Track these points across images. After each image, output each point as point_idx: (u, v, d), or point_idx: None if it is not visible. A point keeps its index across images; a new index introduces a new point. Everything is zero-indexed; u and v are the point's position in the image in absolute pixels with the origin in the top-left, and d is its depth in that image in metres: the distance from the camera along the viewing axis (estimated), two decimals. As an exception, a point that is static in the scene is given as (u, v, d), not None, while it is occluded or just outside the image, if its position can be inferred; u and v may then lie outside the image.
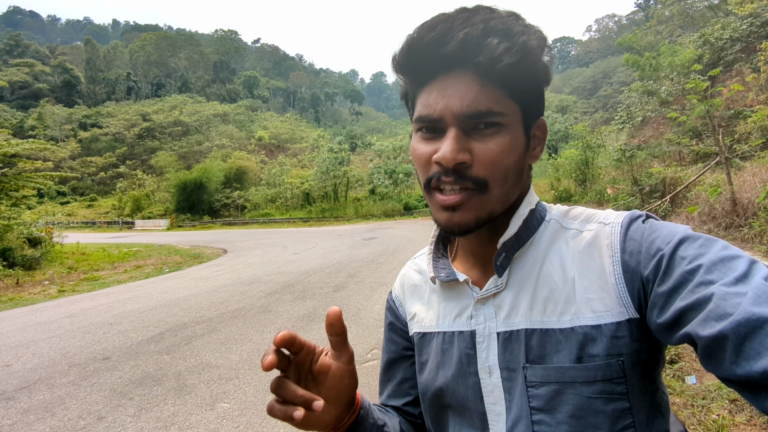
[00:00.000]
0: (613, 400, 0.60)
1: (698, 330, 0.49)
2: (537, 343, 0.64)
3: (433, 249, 0.79)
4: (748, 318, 0.45)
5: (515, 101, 0.63)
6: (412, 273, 0.87)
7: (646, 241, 0.60)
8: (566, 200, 15.01)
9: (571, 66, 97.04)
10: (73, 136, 60.45)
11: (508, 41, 0.58)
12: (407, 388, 0.84)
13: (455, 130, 0.61)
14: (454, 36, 0.59)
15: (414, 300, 0.83)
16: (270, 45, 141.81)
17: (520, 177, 0.67)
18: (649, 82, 11.81)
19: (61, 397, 3.65)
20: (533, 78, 0.63)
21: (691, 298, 0.51)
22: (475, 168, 0.61)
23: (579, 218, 0.70)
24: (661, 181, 8.08)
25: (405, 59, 0.64)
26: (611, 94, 53.98)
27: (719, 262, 0.52)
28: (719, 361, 0.47)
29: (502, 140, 0.61)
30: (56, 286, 9.92)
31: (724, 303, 0.47)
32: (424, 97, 0.64)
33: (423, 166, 0.65)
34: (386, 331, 0.89)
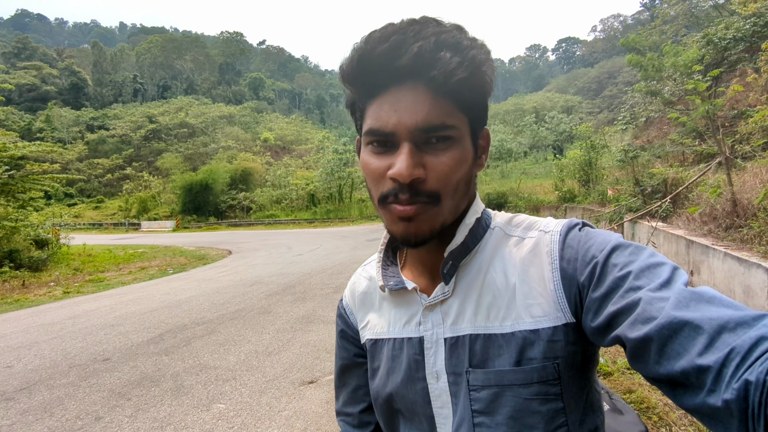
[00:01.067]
0: (548, 401, 0.63)
1: (627, 332, 0.52)
2: (480, 347, 0.66)
3: (383, 257, 0.80)
4: (670, 321, 0.48)
5: (464, 114, 0.64)
6: (362, 280, 0.87)
7: (582, 248, 0.63)
8: (570, 201, 14.93)
9: (576, 66, 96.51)
10: (80, 138, 60.94)
11: (459, 56, 0.59)
12: (362, 395, 0.86)
13: (409, 145, 0.61)
14: (408, 49, 0.59)
15: (366, 308, 0.84)
16: (275, 47, 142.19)
17: (469, 187, 0.69)
18: (652, 82, 11.76)
19: (60, 397, 3.70)
20: (481, 91, 0.64)
21: (621, 303, 0.54)
22: (429, 182, 0.62)
23: (521, 225, 0.72)
24: (663, 181, 8.04)
25: (355, 70, 0.63)
26: (616, 94, 53.63)
27: (646, 269, 0.55)
28: (645, 361, 0.51)
29: (454, 153, 0.63)
30: (61, 288, 10.02)
31: (650, 307, 0.51)
32: (374, 109, 0.64)
33: (376, 180, 0.65)
34: (338, 339, 0.90)
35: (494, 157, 41.92)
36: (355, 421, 0.87)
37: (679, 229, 6.51)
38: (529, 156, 42.65)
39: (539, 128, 46.24)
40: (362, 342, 0.84)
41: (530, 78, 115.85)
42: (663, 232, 6.71)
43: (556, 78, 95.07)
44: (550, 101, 58.40)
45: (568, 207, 14.59)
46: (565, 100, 59.56)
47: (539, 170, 32.49)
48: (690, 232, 6.21)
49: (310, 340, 4.95)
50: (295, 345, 4.80)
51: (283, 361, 4.37)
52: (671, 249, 6.39)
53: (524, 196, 21.66)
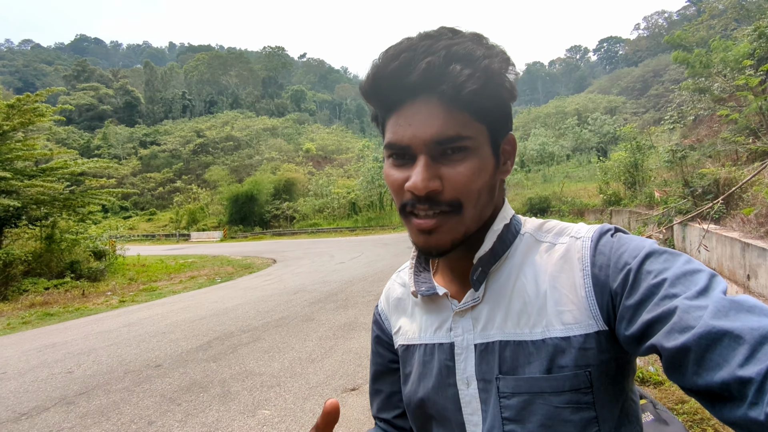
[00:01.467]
0: (580, 410, 0.62)
1: (663, 342, 0.51)
2: (510, 354, 0.66)
3: (415, 263, 0.82)
4: (708, 331, 0.47)
5: (482, 123, 0.64)
6: (396, 286, 0.89)
7: (615, 255, 0.62)
8: (615, 204, 14.41)
9: (619, 66, 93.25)
10: (134, 153, 64.17)
11: (470, 67, 0.59)
12: (396, 401, 0.86)
13: (424, 158, 0.62)
14: (417, 65, 0.60)
15: (399, 313, 0.86)
16: (316, 59, 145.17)
17: (492, 195, 0.69)
18: (700, 79, 11.22)
19: (116, 402, 3.92)
20: (498, 99, 0.64)
21: (656, 311, 0.53)
22: (447, 193, 0.63)
23: (552, 231, 0.72)
24: (714, 181, 7.64)
25: (371, 87, 0.66)
26: (662, 93, 51.49)
27: (682, 276, 0.54)
28: (682, 372, 0.50)
29: (471, 163, 0.63)
30: (117, 297, 10.57)
31: (687, 316, 0.50)
32: (392, 123, 0.66)
33: (397, 191, 0.67)
34: (373, 344, 0.91)
35: (536, 161, 41.05)
36: (390, 427, 0.88)
37: (733, 232, 6.18)
38: (572, 159, 41.49)
39: (582, 130, 44.92)
40: (396, 347, 0.85)
41: (571, 80, 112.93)
42: (716, 234, 6.39)
43: (599, 79, 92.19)
44: (592, 102, 56.67)
45: (613, 210, 14.10)
46: (608, 101, 57.65)
47: (582, 173, 31.52)
48: (745, 234, 5.89)
49: (352, 347, 5.01)
50: (337, 352, 4.87)
51: (326, 368, 4.44)
52: (725, 252, 6.08)
53: (567, 200, 21.07)
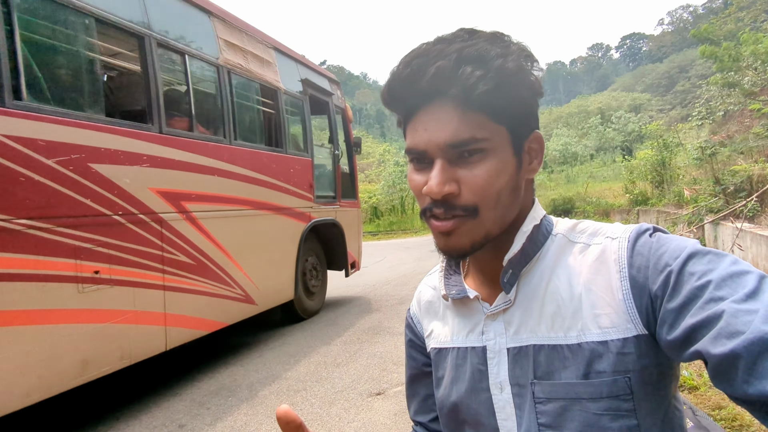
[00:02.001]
0: (620, 417, 0.60)
1: (709, 348, 0.49)
2: (545, 359, 0.65)
3: (445, 266, 0.81)
4: (760, 337, 0.45)
5: (500, 123, 0.63)
6: (427, 290, 0.89)
7: (654, 255, 0.60)
8: (643, 203, 14.09)
9: (643, 62, 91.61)
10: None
11: (482, 68, 0.59)
12: (431, 404, 0.86)
13: (440, 161, 0.63)
14: (427, 71, 0.60)
15: (430, 317, 0.86)
16: (335, 66, 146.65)
17: (516, 196, 0.68)
18: (729, 73, 10.91)
19: (147, 405, 4.01)
20: (516, 98, 0.62)
21: (701, 315, 0.51)
22: (464, 196, 0.63)
23: (586, 232, 0.70)
24: (747, 178, 7.41)
25: (389, 95, 0.68)
26: (689, 89, 50.31)
27: (728, 278, 0.51)
28: (731, 380, 0.47)
29: (489, 165, 0.62)
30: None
31: (735, 320, 0.47)
32: (410, 129, 0.67)
33: (418, 195, 0.68)
34: (407, 348, 0.92)
35: (558, 161, 40.50)
36: (427, 430, 0.88)
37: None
38: (596, 159, 40.75)
39: (605, 129, 44.12)
40: (428, 351, 0.85)
41: (593, 78, 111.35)
42: (750, 233, 6.19)
43: (622, 76, 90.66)
44: (615, 101, 55.68)
45: (640, 210, 13.80)
46: (632, 99, 56.55)
47: (607, 173, 30.90)
48: (782, 233, 5.69)
49: (377, 351, 5.02)
50: (362, 356, 4.89)
51: (351, 372, 4.46)
52: (761, 252, 5.88)
53: (592, 201, 20.68)
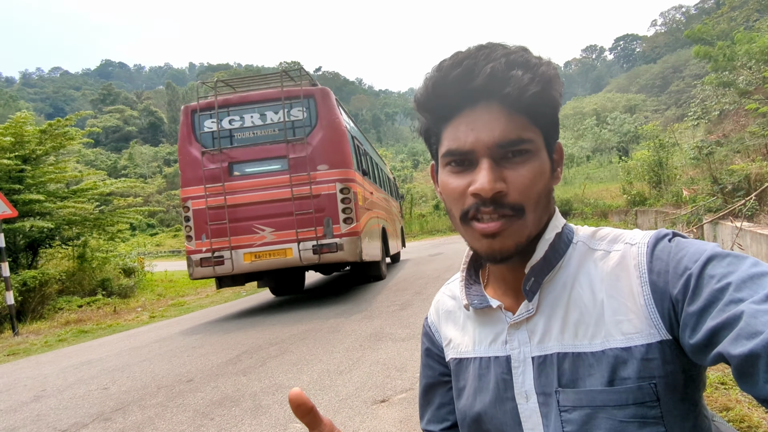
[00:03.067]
0: (646, 425, 0.60)
1: (730, 349, 0.49)
2: (569, 367, 0.65)
3: (465, 276, 0.82)
4: None
5: (538, 127, 0.66)
6: (446, 299, 0.90)
7: (673, 260, 0.61)
8: (640, 204, 14.10)
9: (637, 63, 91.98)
10: (158, 172, 65.77)
11: (531, 72, 0.62)
12: (445, 413, 0.86)
13: (488, 160, 0.64)
14: (482, 70, 0.62)
15: (449, 326, 0.86)
16: (331, 72, 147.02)
17: (549, 200, 0.70)
18: (724, 73, 10.97)
19: (151, 417, 3.98)
20: (552, 105, 0.66)
21: (721, 317, 0.51)
22: (511, 195, 0.64)
23: (606, 239, 0.71)
24: (745, 177, 7.43)
25: (430, 96, 0.68)
26: (684, 89, 50.52)
27: (749, 280, 0.52)
28: (754, 381, 0.47)
29: (533, 166, 0.65)
30: (148, 313, 10.78)
31: (755, 321, 0.47)
32: (451, 131, 0.68)
33: (457, 199, 0.68)
34: (423, 357, 0.92)
35: (562, 162, 40.61)
36: None
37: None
38: (592, 160, 40.84)
39: (601, 130, 44.23)
40: (447, 360, 0.85)
41: (588, 80, 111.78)
42: (749, 232, 6.20)
43: (616, 77, 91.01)
44: (611, 102, 55.80)
45: (638, 211, 13.81)
46: (627, 100, 56.70)
47: (604, 174, 30.98)
48: (782, 231, 5.70)
49: (380, 358, 5.00)
50: (365, 363, 4.87)
51: (354, 380, 4.44)
52: (761, 251, 5.89)
53: (590, 202, 20.70)
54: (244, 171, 7.27)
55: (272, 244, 7.16)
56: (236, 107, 7.38)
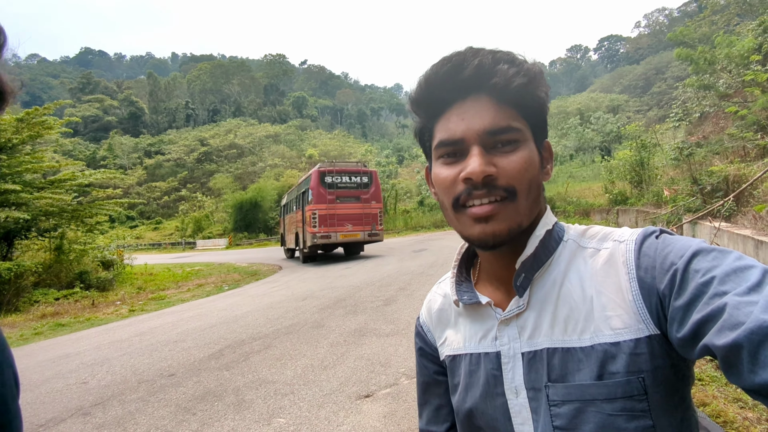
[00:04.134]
0: (635, 418, 0.60)
1: (714, 340, 0.49)
2: (559, 362, 0.66)
3: (456, 273, 0.82)
4: (759, 325, 0.45)
5: (526, 120, 0.68)
6: (437, 297, 0.90)
7: (660, 256, 0.62)
8: (622, 203, 14.33)
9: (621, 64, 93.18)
10: (139, 163, 64.62)
11: (516, 66, 0.65)
12: (445, 414, 0.86)
13: (478, 147, 0.66)
14: (470, 63, 0.65)
15: (442, 324, 0.86)
16: (316, 65, 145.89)
17: (539, 192, 0.71)
18: (704, 76, 11.20)
19: (132, 412, 3.92)
20: (539, 101, 0.69)
21: (706, 310, 0.52)
22: (502, 179, 0.65)
23: (596, 237, 0.72)
24: (724, 179, 7.60)
25: (423, 93, 0.71)
26: (665, 90, 51.46)
27: (732, 273, 0.53)
28: (738, 371, 0.48)
29: (522, 154, 0.67)
30: (127, 306, 10.60)
31: (737, 312, 0.48)
32: (442, 123, 0.70)
33: (448, 188, 0.69)
34: (417, 357, 0.92)
35: (550, 161, 41.04)
36: None
37: (745, 229, 6.14)
38: (576, 159, 41.36)
39: (584, 130, 44.76)
40: (441, 359, 0.85)
41: (572, 79, 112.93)
42: (727, 232, 6.35)
43: (600, 77, 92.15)
44: (594, 102, 56.49)
45: (620, 210, 14.04)
46: (610, 100, 57.47)
47: (587, 173, 31.39)
48: (758, 231, 5.84)
49: (364, 353, 5.00)
50: (349, 358, 4.86)
51: (339, 374, 4.43)
52: (737, 250, 6.03)
53: (573, 201, 20.97)
54: (341, 200, 14.98)
55: (351, 231, 15.02)
56: (340, 173, 15.22)
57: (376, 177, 15.84)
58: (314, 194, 14.55)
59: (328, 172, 14.90)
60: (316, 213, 14.37)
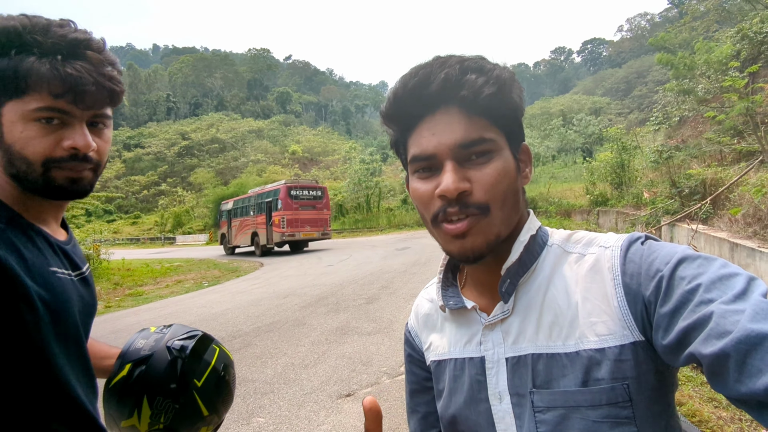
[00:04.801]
0: (619, 425, 0.60)
1: (701, 349, 0.49)
2: (543, 367, 0.65)
3: (442, 278, 0.82)
4: (747, 335, 0.45)
5: (499, 128, 0.67)
6: (424, 303, 0.90)
7: (645, 262, 0.61)
8: (603, 204, 14.58)
9: (603, 67, 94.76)
10: (117, 156, 63.34)
11: (485, 75, 0.64)
12: (433, 421, 0.85)
13: (451, 162, 0.65)
14: (437, 77, 0.64)
15: (429, 329, 0.86)
16: (301, 61, 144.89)
17: (517, 199, 0.70)
18: (684, 81, 11.44)
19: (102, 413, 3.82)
20: (511, 107, 0.67)
21: (692, 318, 0.51)
22: (476, 194, 0.65)
23: (581, 242, 0.72)
24: (701, 182, 7.77)
25: (392, 108, 0.70)
26: (646, 93, 52.51)
27: (718, 281, 0.52)
28: (724, 380, 0.48)
29: (496, 165, 0.66)
30: (103, 302, 10.37)
31: (724, 321, 0.48)
32: (414, 138, 0.69)
33: (426, 203, 0.69)
34: (406, 363, 0.92)
35: (530, 163, 41.56)
36: None
37: (721, 232, 6.28)
38: (558, 160, 41.89)
39: (567, 131, 45.40)
40: (428, 364, 0.85)
41: (556, 81, 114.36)
42: (704, 235, 6.48)
43: (583, 80, 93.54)
44: (577, 103, 57.38)
45: (600, 211, 14.25)
46: (592, 102, 58.44)
47: (569, 174, 31.81)
48: (733, 234, 5.98)
49: (346, 352, 4.97)
50: (330, 357, 4.83)
51: (320, 373, 4.40)
52: (713, 252, 6.17)
53: (554, 201, 21.21)
54: (302, 208, 19.10)
55: (309, 231, 19.13)
56: (302, 188, 19.69)
57: (326, 191, 21.02)
58: (283, 203, 18.75)
59: (293, 187, 19.70)
60: (284, 218, 18.56)
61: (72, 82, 0.77)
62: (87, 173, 0.85)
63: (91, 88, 0.79)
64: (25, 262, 0.76)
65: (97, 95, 0.81)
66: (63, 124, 0.80)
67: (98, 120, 0.85)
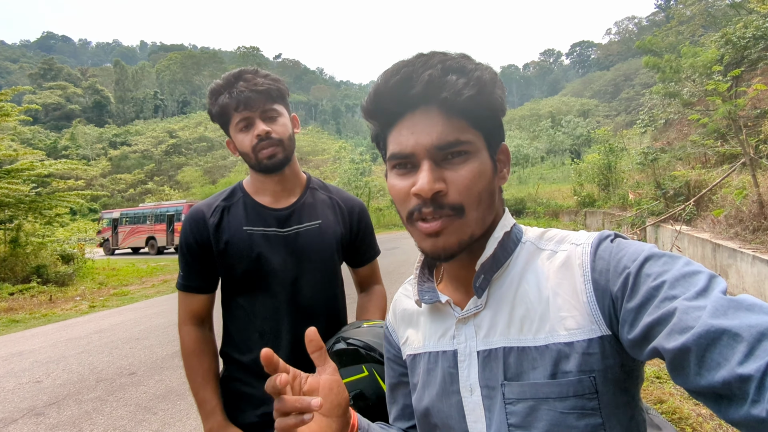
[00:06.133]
0: (585, 416, 0.62)
1: (664, 343, 0.51)
2: (514, 360, 0.67)
3: (419, 274, 0.83)
4: (707, 330, 0.47)
5: (478, 129, 0.68)
6: (402, 298, 0.91)
7: (614, 259, 0.63)
8: (590, 205, 14.73)
9: (592, 69, 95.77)
10: (103, 154, 62.53)
11: (466, 77, 0.64)
12: (410, 413, 0.87)
13: (428, 162, 0.66)
14: (420, 77, 0.64)
15: (405, 325, 0.88)
16: (291, 60, 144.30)
17: (493, 199, 0.71)
18: (670, 84, 11.59)
19: (89, 412, 3.78)
20: (491, 107, 0.68)
21: (656, 314, 0.53)
22: (450, 195, 0.66)
23: (553, 240, 0.73)
24: (685, 184, 7.87)
25: (373, 104, 0.70)
26: (633, 96, 53.13)
27: (681, 278, 0.54)
28: (685, 374, 0.50)
29: (472, 166, 0.67)
30: (87, 302, 10.24)
31: (686, 316, 0.50)
32: (394, 135, 0.70)
33: (402, 200, 0.70)
34: (386, 361, 0.94)
35: (511, 163, 41.78)
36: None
37: (704, 233, 6.38)
38: (547, 161, 42.27)
39: (556, 133, 45.81)
40: (404, 359, 0.86)
41: (545, 83, 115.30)
42: (687, 235, 6.57)
43: (572, 82, 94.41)
44: (566, 105, 57.89)
45: (588, 212, 14.40)
46: (581, 104, 59.00)
47: (557, 175, 32.15)
48: (716, 235, 6.08)
49: (332, 351, 4.96)
50: (316, 357, 4.82)
51: (306, 373, 4.38)
52: (696, 253, 6.26)
53: (543, 202, 21.42)
54: None
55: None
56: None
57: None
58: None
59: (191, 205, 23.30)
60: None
61: (237, 96, 1.29)
62: (274, 149, 1.34)
63: (249, 95, 1.29)
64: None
65: (254, 99, 1.30)
66: (248, 125, 1.34)
67: (267, 114, 1.35)
